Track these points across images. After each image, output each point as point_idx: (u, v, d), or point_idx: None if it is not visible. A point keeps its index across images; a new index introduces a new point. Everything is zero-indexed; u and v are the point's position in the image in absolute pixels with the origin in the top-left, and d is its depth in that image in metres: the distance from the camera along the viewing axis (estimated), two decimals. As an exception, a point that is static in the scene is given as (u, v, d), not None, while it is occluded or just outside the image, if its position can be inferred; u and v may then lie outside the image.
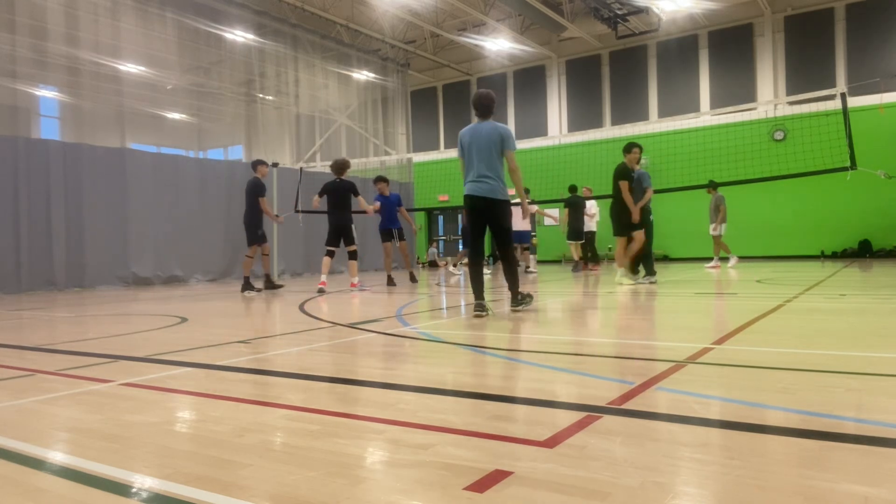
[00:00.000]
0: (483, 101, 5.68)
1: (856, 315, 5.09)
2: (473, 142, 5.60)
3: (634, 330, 4.72)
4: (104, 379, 3.18)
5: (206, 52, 16.63)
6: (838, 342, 3.77)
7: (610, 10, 17.34)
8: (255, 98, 19.01)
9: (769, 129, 17.48)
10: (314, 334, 4.73)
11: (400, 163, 19.93)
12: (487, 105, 5.68)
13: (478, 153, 5.56)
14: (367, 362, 3.58)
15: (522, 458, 1.83)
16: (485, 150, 5.55)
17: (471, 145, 5.61)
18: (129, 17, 13.21)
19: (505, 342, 4.25)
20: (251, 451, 1.95)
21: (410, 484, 1.65)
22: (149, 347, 4.27)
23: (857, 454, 1.79)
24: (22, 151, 10.93)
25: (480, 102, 5.69)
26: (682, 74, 19.06)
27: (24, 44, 11.96)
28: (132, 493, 1.66)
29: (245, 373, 3.32)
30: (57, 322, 6.40)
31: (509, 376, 3.11)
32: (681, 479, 1.65)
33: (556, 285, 9.86)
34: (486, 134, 5.57)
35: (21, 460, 1.95)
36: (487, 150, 5.54)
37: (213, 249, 13.72)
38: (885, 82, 15.25)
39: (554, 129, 20.89)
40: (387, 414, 2.35)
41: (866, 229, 16.29)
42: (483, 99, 5.69)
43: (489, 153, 5.55)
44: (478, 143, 5.57)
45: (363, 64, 19.16)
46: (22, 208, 10.84)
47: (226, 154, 24.79)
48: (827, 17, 17.16)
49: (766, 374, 2.87)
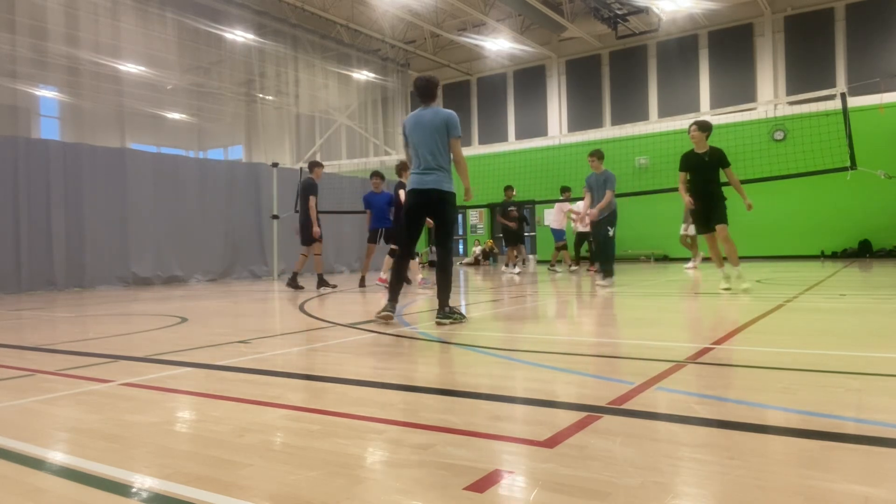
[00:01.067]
0: (425, 85, 5.24)
1: (856, 315, 5.09)
2: (416, 130, 5.14)
3: (634, 330, 4.72)
4: (104, 379, 3.18)
5: (206, 52, 16.63)
6: (838, 342, 3.77)
7: (610, 10, 17.34)
8: (255, 98, 19.02)
9: (769, 129, 17.48)
10: (314, 334, 4.73)
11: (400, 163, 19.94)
12: (429, 89, 5.25)
13: (421, 142, 5.10)
14: (367, 362, 3.58)
15: (522, 458, 1.83)
16: (429, 138, 5.09)
17: (412, 134, 5.16)
18: (129, 17, 13.20)
19: (505, 342, 4.25)
20: (251, 451, 1.95)
21: (410, 484, 1.65)
22: (149, 347, 4.27)
23: (857, 454, 1.79)
24: (22, 151, 10.93)
25: (422, 87, 5.24)
26: (682, 74, 19.06)
27: (24, 44, 11.96)
28: (132, 493, 1.66)
29: (245, 373, 3.32)
30: (57, 322, 6.40)
31: (509, 376, 3.11)
32: (681, 479, 1.65)
33: (552, 286, 9.86)
34: (428, 120, 5.11)
35: (21, 460, 1.95)
36: (432, 139, 5.09)
37: (213, 249, 13.72)
38: (885, 82, 15.25)
39: (554, 128, 20.89)
40: (387, 414, 2.35)
41: (866, 229, 16.29)
42: (425, 83, 5.26)
43: (433, 141, 5.09)
44: (421, 131, 5.11)
45: (363, 64, 19.16)
46: (22, 208, 10.84)
47: (226, 154, 24.79)
48: (827, 17, 17.16)
49: (766, 374, 2.87)
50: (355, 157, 18.72)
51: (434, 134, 5.10)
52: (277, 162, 15.27)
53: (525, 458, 1.82)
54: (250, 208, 14.61)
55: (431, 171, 5.09)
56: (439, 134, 5.10)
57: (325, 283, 9.92)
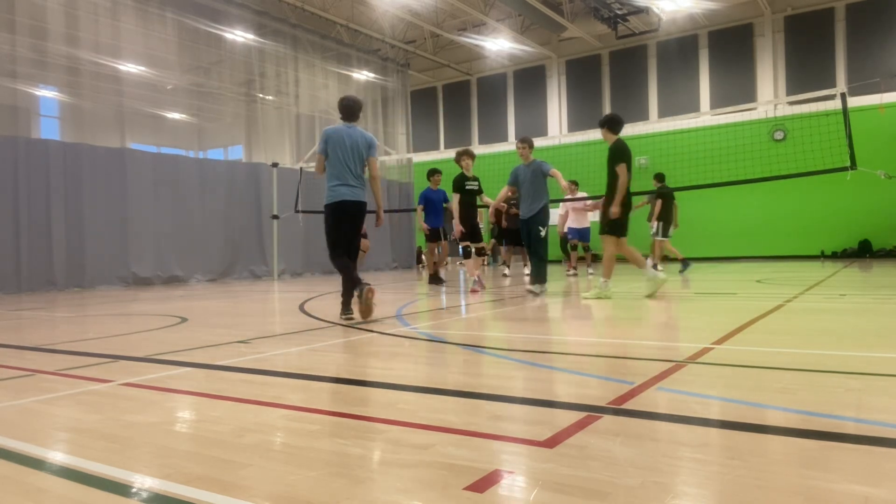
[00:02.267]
0: (350, 106, 5.75)
1: (856, 315, 5.09)
2: (341, 146, 5.58)
3: (634, 330, 4.72)
4: (104, 379, 3.18)
5: (206, 52, 16.62)
6: (838, 342, 3.77)
7: (610, 10, 17.33)
8: (255, 98, 19.00)
9: (769, 129, 17.48)
10: (314, 334, 4.73)
11: (400, 163, 19.93)
12: (355, 109, 5.76)
13: (346, 158, 5.56)
14: (367, 362, 3.58)
15: (522, 458, 1.84)
16: (355, 155, 5.60)
17: (336, 149, 5.58)
18: (129, 17, 13.18)
19: (505, 342, 4.25)
20: (251, 451, 1.95)
21: (410, 484, 1.65)
22: (149, 347, 4.27)
23: (857, 454, 1.79)
24: (22, 151, 10.93)
25: (347, 107, 5.74)
26: (682, 74, 19.06)
27: (24, 44, 11.94)
28: (132, 493, 1.66)
29: (245, 373, 3.32)
30: (57, 322, 6.40)
31: (509, 376, 3.11)
32: (681, 479, 1.65)
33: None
34: (355, 140, 5.62)
35: (21, 460, 1.95)
36: (357, 156, 5.60)
37: (213, 249, 13.72)
38: (885, 82, 15.24)
39: (554, 128, 20.89)
40: (387, 414, 2.35)
41: (866, 229, 16.29)
42: (351, 103, 5.77)
43: (358, 158, 5.61)
44: (347, 148, 5.58)
45: (363, 64, 19.15)
46: (22, 208, 10.84)
47: (226, 154, 24.77)
48: (827, 17, 17.16)
49: (766, 374, 2.87)
50: (355, 157, 18.72)
51: (358, 152, 5.62)
52: (277, 162, 15.27)
53: (525, 458, 1.82)
54: (250, 208, 14.61)
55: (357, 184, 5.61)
56: (363, 153, 5.65)
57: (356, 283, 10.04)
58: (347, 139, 5.57)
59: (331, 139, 5.58)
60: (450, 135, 23.19)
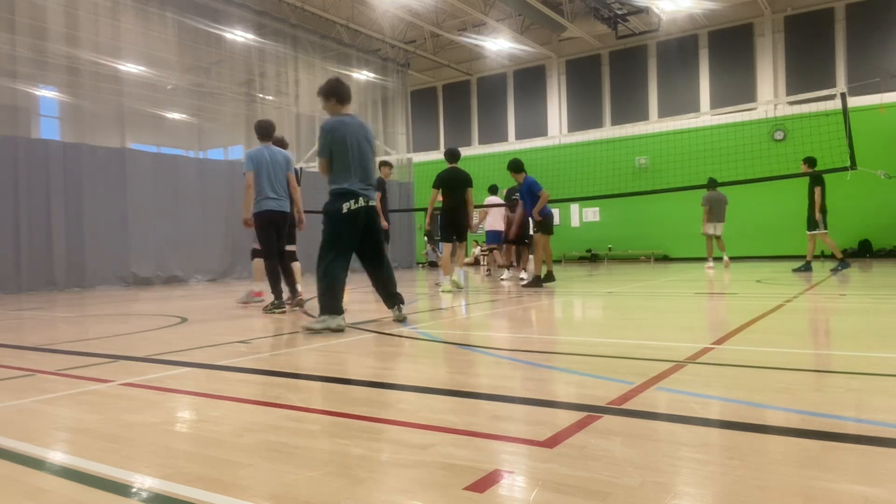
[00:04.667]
0: (268, 127, 6.62)
1: (856, 315, 5.09)
2: (267, 163, 6.44)
3: (634, 330, 4.72)
4: (104, 379, 3.18)
5: (206, 52, 16.62)
6: (838, 342, 3.77)
7: (610, 10, 17.33)
8: (255, 98, 18.99)
9: (769, 129, 17.48)
10: (314, 334, 4.72)
11: (400, 163, 19.92)
12: (271, 130, 6.63)
13: (272, 173, 6.45)
14: (367, 362, 3.58)
15: (522, 458, 1.83)
16: (278, 171, 6.51)
17: (267, 166, 6.43)
18: (129, 17, 13.18)
19: (505, 342, 4.25)
20: (251, 451, 1.95)
21: (410, 484, 1.65)
22: (149, 347, 4.27)
23: (857, 454, 1.79)
24: (22, 151, 10.93)
25: (265, 129, 6.60)
26: (682, 74, 19.06)
27: (24, 44, 11.93)
28: (132, 493, 1.66)
29: (245, 373, 3.32)
30: (57, 322, 6.40)
31: (509, 376, 3.11)
32: (681, 479, 1.65)
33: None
34: (277, 157, 6.53)
35: (21, 460, 1.95)
36: (280, 171, 6.53)
37: (213, 249, 13.72)
38: (885, 82, 15.24)
39: (554, 129, 20.89)
40: (387, 414, 2.35)
41: (866, 229, 16.29)
42: (267, 125, 6.65)
43: (281, 174, 6.54)
44: (272, 165, 6.47)
45: (363, 64, 19.14)
46: (22, 208, 10.84)
47: (226, 154, 24.75)
48: (827, 17, 17.15)
49: (766, 374, 2.87)
50: (355, 157, 18.70)
51: (281, 168, 6.54)
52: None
53: (525, 458, 1.82)
54: (250, 208, 14.59)
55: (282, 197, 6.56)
56: (286, 169, 6.61)
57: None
58: (274, 158, 6.51)
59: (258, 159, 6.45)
60: (450, 135, 23.18)
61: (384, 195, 9.92)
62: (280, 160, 6.55)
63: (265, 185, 6.41)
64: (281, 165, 6.55)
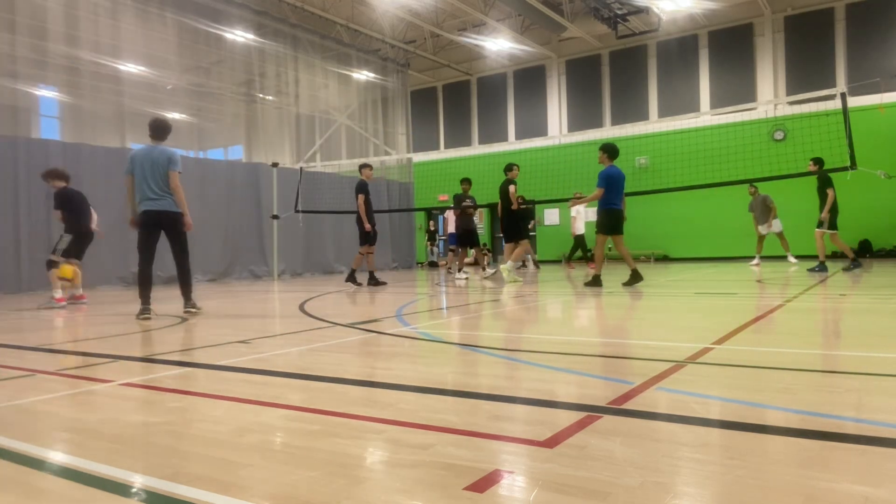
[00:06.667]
0: (159, 126, 6.41)
1: (856, 315, 5.09)
2: (145, 163, 6.22)
3: (634, 330, 4.72)
4: (104, 379, 3.18)
5: (206, 52, 16.60)
6: (838, 342, 3.77)
7: (610, 10, 17.33)
8: (255, 98, 18.99)
9: (769, 129, 17.48)
10: (314, 334, 4.73)
11: (400, 163, 19.92)
12: (163, 130, 6.43)
13: (150, 173, 6.22)
14: (367, 362, 3.58)
15: (522, 458, 1.83)
16: (157, 170, 6.24)
17: (142, 166, 6.22)
18: (129, 17, 13.17)
19: (504, 342, 4.25)
20: (251, 451, 1.95)
21: (410, 484, 1.65)
22: (149, 347, 4.27)
23: (857, 454, 1.79)
24: (22, 151, 10.92)
25: (157, 127, 6.40)
26: (682, 74, 19.06)
27: (24, 44, 11.92)
28: (132, 493, 1.66)
29: (245, 373, 3.32)
30: (57, 322, 6.40)
31: (509, 376, 3.11)
32: (681, 479, 1.65)
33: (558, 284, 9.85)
34: (156, 157, 6.25)
35: (21, 460, 1.95)
36: (159, 171, 6.24)
37: (213, 249, 13.71)
38: (885, 82, 15.24)
39: (554, 129, 20.89)
40: (387, 414, 2.35)
41: (866, 229, 16.28)
42: (160, 124, 6.44)
43: (160, 173, 6.25)
44: (150, 165, 6.22)
45: (363, 64, 19.14)
46: (22, 208, 10.83)
47: (226, 154, 24.76)
48: (827, 17, 17.15)
49: (766, 374, 2.87)
50: (355, 157, 18.66)
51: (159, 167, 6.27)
52: (277, 162, 15.27)
53: (525, 458, 1.82)
54: (250, 208, 14.60)
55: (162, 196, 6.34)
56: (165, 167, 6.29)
57: (353, 280, 10.35)
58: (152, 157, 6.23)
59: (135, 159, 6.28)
60: (450, 135, 23.19)
61: (367, 197, 10.28)
62: (156, 157, 6.26)
63: (138, 185, 6.28)
64: (156, 163, 6.26)
